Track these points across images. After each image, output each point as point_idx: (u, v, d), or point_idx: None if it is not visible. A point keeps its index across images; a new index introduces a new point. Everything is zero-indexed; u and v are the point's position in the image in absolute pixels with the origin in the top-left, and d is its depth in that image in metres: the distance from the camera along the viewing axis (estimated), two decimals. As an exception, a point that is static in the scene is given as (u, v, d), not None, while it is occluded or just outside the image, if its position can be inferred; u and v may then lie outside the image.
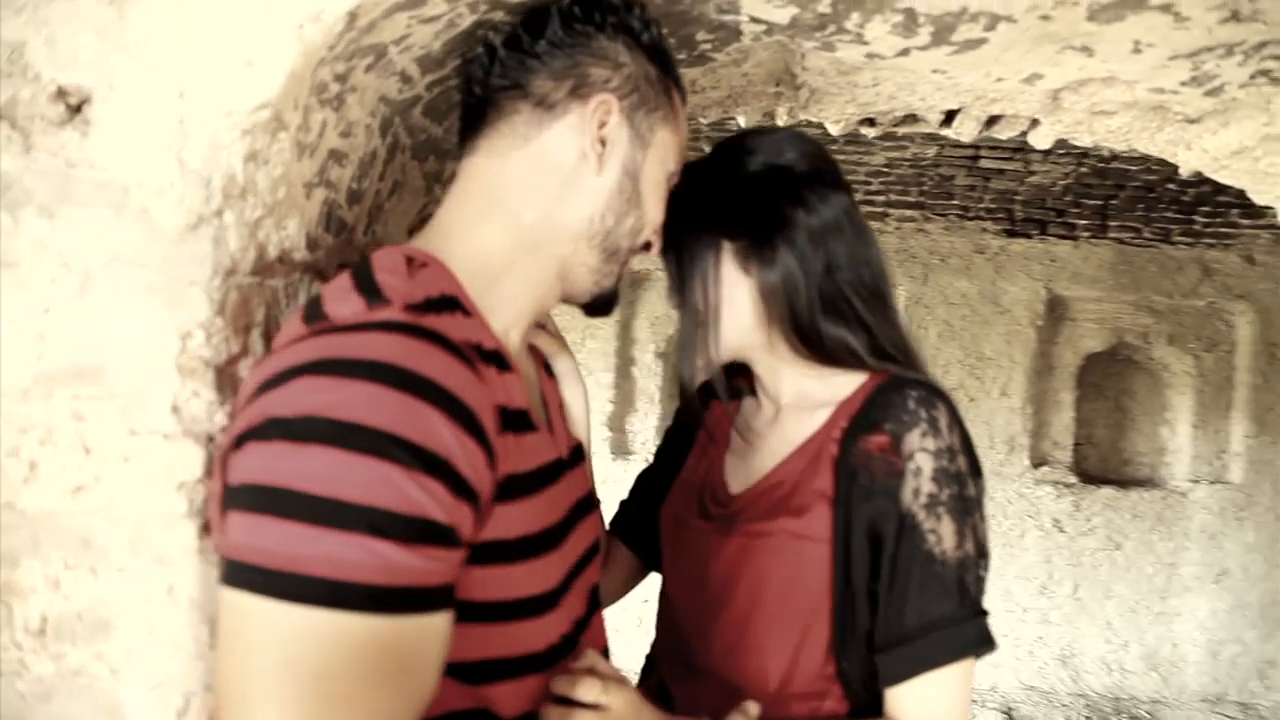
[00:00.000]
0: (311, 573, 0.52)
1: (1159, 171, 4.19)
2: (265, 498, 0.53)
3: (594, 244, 0.78)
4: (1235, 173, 1.39)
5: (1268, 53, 0.99)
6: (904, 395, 0.87)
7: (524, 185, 0.75)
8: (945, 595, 0.83)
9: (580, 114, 0.75)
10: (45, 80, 0.70)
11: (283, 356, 0.59)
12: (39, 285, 0.70)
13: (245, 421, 0.57)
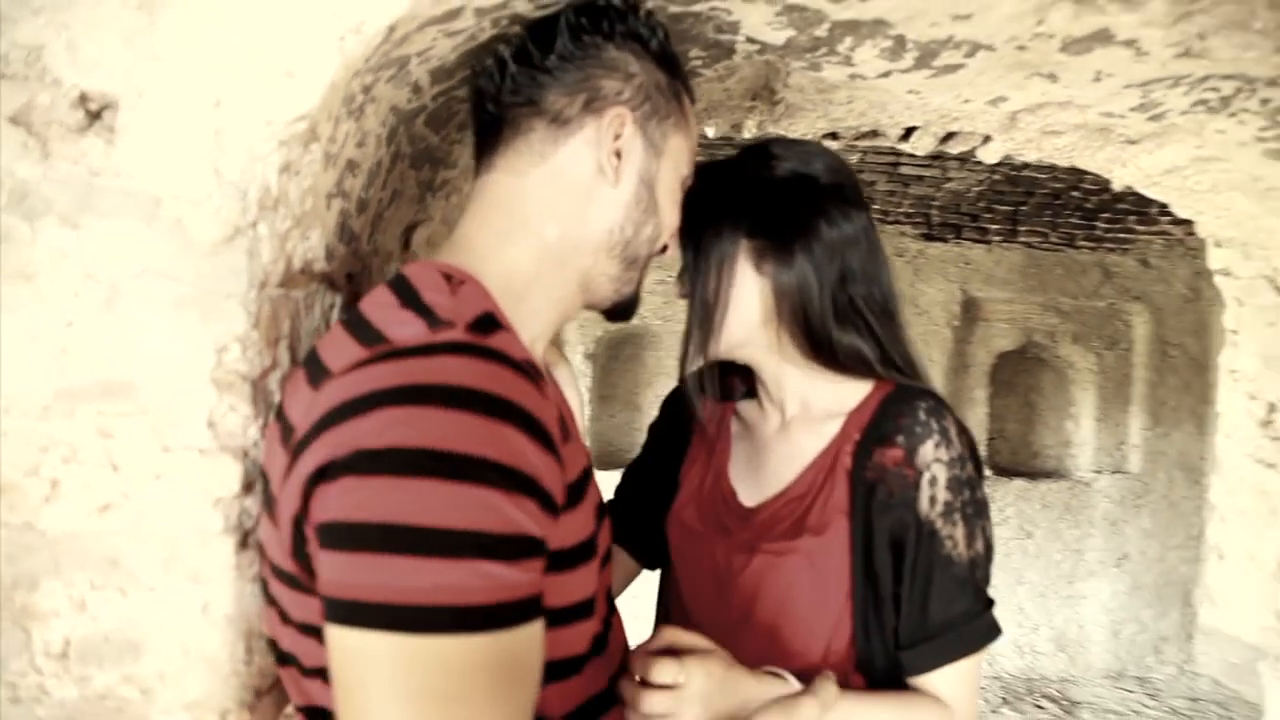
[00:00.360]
0: (432, 602, 0.53)
1: (1065, 180, 4.45)
2: (374, 535, 0.53)
3: (614, 254, 0.80)
4: (1165, 189, 1.51)
5: (1208, 85, 1.09)
6: (914, 407, 0.91)
7: (545, 202, 0.76)
8: (962, 594, 0.89)
9: (595, 128, 0.76)
10: (66, 86, 0.67)
11: (355, 381, 0.59)
12: (61, 298, 0.68)
13: (329, 450, 0.57)
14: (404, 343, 0.61)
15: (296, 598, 0.63)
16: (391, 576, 0.53)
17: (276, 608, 0.68)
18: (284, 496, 0.61)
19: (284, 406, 0.68)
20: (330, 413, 0.59)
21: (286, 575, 0.63)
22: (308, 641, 0.64)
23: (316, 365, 0.66)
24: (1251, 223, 1.43)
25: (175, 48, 0.68)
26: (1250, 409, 1.52)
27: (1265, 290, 1.50)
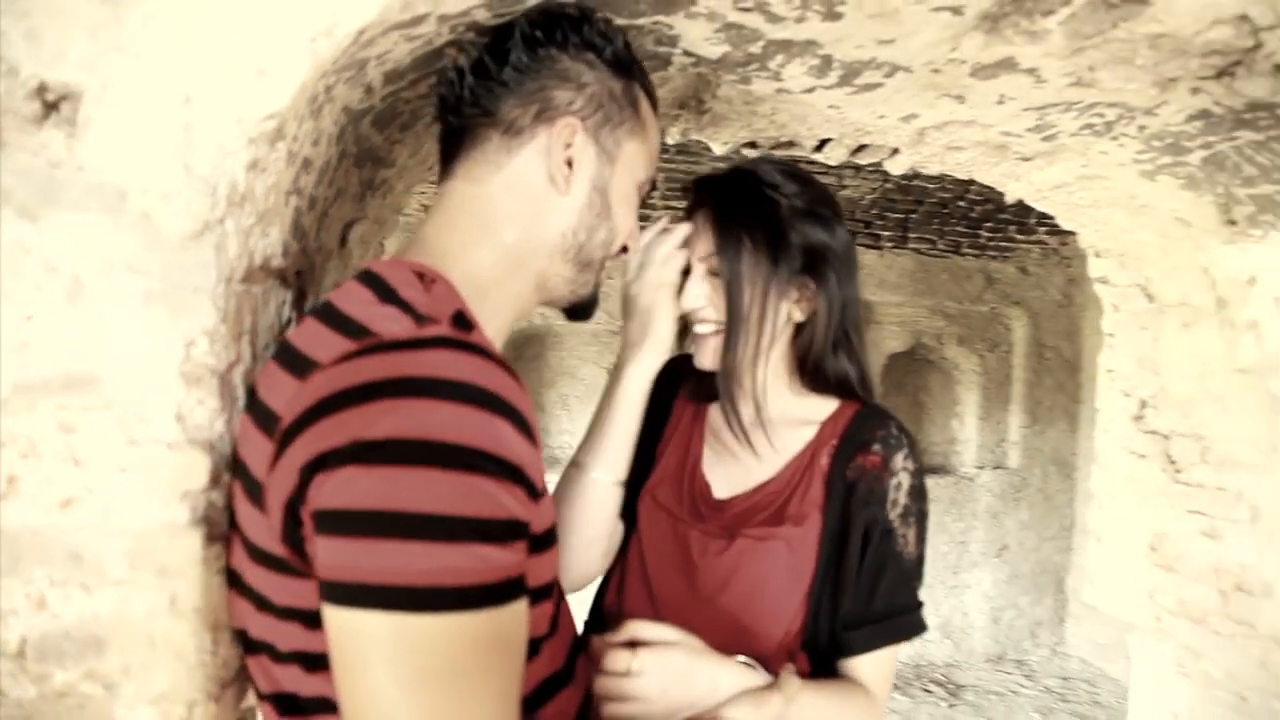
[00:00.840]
0: (434, 584, 0.55)
1: (952, 191, 4.72)
2: (377, 521, 0.56)
3: (568, 258, 0.84)
4: (1052, 203, 1.65)
5: (1095, 111, 1.22)
6: (887, 423, 1.03)
7: (503, 209, 0.79)
8: (904, 588, 1.00)
9: (546, 137, 0.79)
10: (24, 75, 0.66)
11: (348, 371, 0.61)
12: (21, 291, 0.66)
13: (326, 439, 0.58)
14: (392, 337, 0.63)
15: (283, 582, 0.64)
16: (395, 560, 0.55)
17: (250, 596, 0.69)
18: (273, 483, 0.62)
19: (259, 397, 0.69)
20: (323, 401, 0.61)
21: (274, 559, 0.64)
22: (288, 626, 0.66)
23: (295, 356, 0.67)
24: (1126, 236, 1.58)
25: (143, 42, 0.68)
26: (1125, 405, 1.68)
27: (1138, 297, 1.67)
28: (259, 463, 0.65)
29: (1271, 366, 1.33)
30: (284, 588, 0.65)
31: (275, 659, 0.68)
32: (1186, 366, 1.51)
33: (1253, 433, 1.35)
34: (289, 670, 0.67)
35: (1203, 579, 1.44)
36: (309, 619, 0.64)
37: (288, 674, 0.67)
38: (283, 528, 0.62)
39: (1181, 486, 1.50)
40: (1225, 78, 1.04)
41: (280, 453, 0.62)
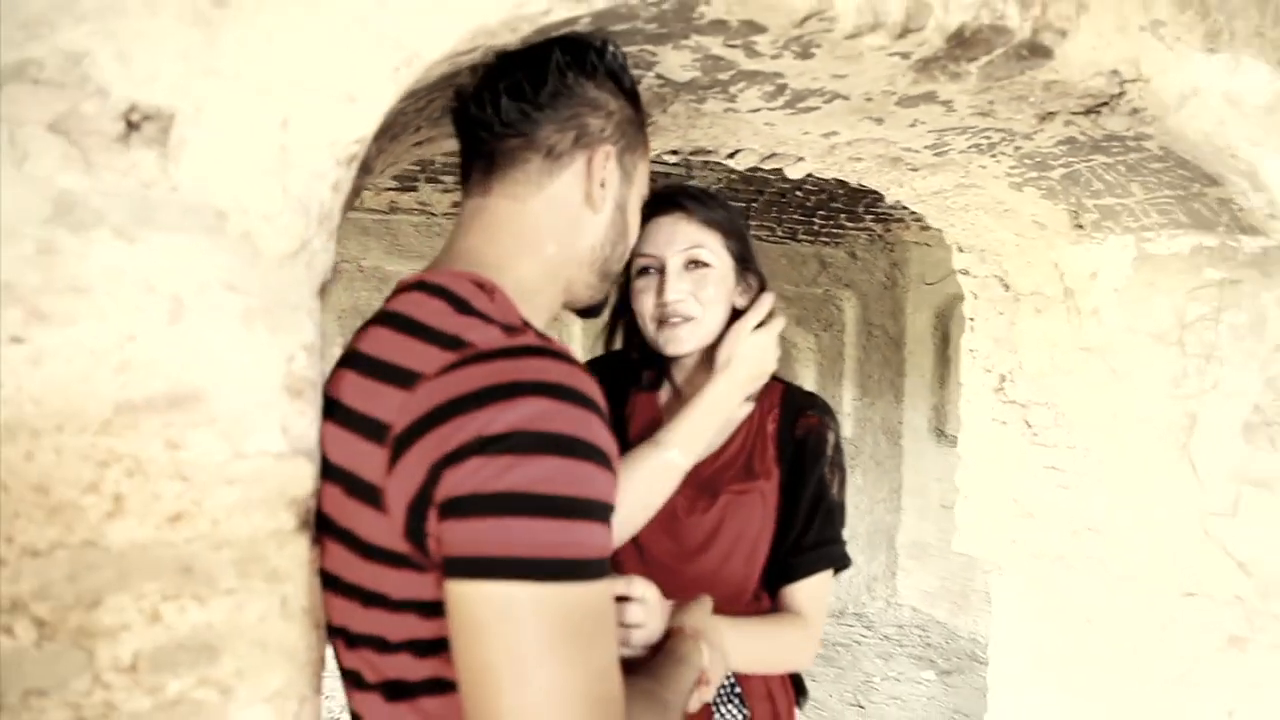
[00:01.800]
0: (563, 555, 0.63)
1: (789, 182, 5.07)
2: (511, 501, 0.63)
3: (594, 268, 0.93)
4: (927, 206, 1.89)
5: (983, 133, 1.43)
6: (812, 395, 1.30)
7: (543, 225, 0.87)
8: (833, 525, 1.23)
9: (584, 162, 0.87)
10: (114, 97, 0.67)
11: (461, 379, 0.67)
12: (121, 312, 0.68)
13: (451, 439, 0.65)
14: (488, 346, 0.70)
15: (403, 576, 0.70)
16: (524, 534, 0.63)
17: (355, 594, 0.74)
18: (394, 485, 0.68)
19: (349, 405, 0.74)
20: (440, 407, 0.67)
21: (394, 556, 0.70)
22: (402, 617, 0.71)
23: (384, 367, 0.73)
24: (989, 234, 1.85)
25: (237, 65, 0.70)
26: (986, 380, 1.96)
27: (996, 286, 1.94)
28: (371, 468, 0.70)
29: (1111, 345, 1.62)
30: (403, 581, 0.71)
31: (384, 650, 0.73)
32: (1039, 346, 1.80)
33: (1096, 399, 1.65)
34: (399, 659, 0.73)
35: (1059, 524, 1.73)
36: (425, 609, 0.71)
37: (398, 662, 0.73)
38: (406, 525, 0.68)
39: (1039, 447, 1.78)
40: (1093, 114, 1.28)
41: (398, 456, 0.68)
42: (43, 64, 0.66)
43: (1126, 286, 1.57)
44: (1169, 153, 1.30)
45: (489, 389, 0.66)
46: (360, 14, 0.74)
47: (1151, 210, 1.46)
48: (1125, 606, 1.61)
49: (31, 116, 0.65)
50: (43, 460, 0.66)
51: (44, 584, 0.67)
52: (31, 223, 0.65)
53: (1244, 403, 1.37)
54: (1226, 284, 1.39)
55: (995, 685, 2.01)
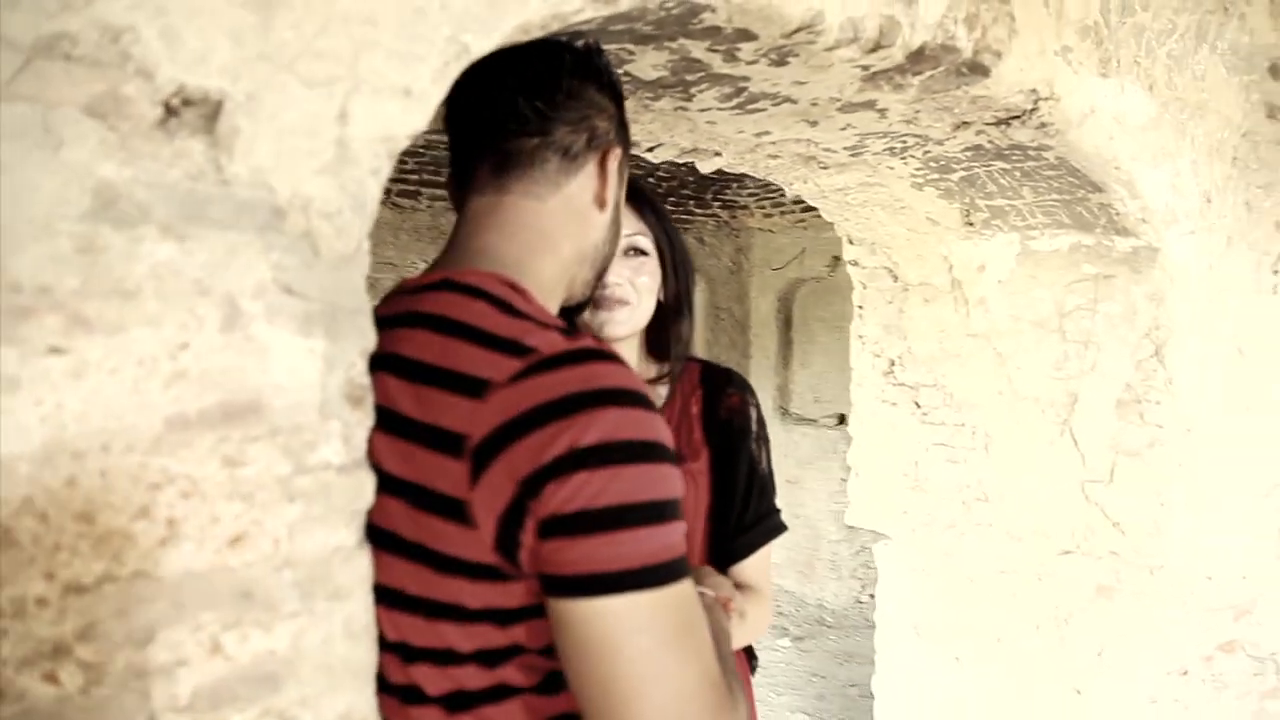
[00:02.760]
0: (664, 559, 0.66)
1: (643, 168, 5.16)
2: (613, 516, 0.64)
3: (595, 265, 0.94)
4: (827, 201, 2.01)
5: (900, 138, 1.55)
6: (729, 372, 1.32)
7: (561, 223, 0.87)
8: (765, 498, 1.29)
9: (594, 163, 0.88)
10: (160, 79, 0.61)
11: (535, 389, 0.66)
12: (173, 318, 0.62)
13: (543, 452, 0.64)
14: (552, 351, 0.70)
15: (486, 587, 0.69)
16: (631, 546, 0.65)
17: (418, 608, 0.71)
18: (480, 498, 0.66)
19: (406, 414, 0.71)
20: (523, 417, 0.66)
21: (479, 568, 0.68)
22: (477, 628, 0.70)
23: (440, 373, 0.71)
24: (882, 229, 1.99)
25: (292, 52, 0.66)
26: (875, 364, 2.12)
27: (885, 277, 2.10)
28: (448, 481, 0.68)
29: (996, 331, 1.81)
30: (485, 592, 0.69)
31: (449, 662, 0.72)
32: (928, 332, 1.97)
33: (984, 381, 1.83)
34: (465, 670, 0.72)
35: (949, 495, 1.90)
36: (503, 617, 0.70)
37: (464, 672, 0.72)
38: (496, 537, 0.67)
39: (928, 426, 1.95)
40: (1003, 125, 1.41)
41: (482, 469, 0.67)
42: (77, 39, 0.58)
43: (1011, 279, 1.76)
44: (1063, 162, 1.46)
45: (570, 399, 0.66)
46: (420, 5, 0.70)
47: (1038, 211, 1.64)
48: (1007, 565, 1.81)
49: (66, 97, 0.58)
50: (86, 485, 0.59)
51: (90, 623, 0.60)
52: (69, 218, 0.58)
53: (1118, 383, 1.57)
54: (1101, 278, 1.59)
55: (882, 646, 2.20)
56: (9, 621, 0.57)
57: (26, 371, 0.57)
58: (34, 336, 0.57)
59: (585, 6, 0.83)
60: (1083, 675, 1.71)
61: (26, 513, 0.58)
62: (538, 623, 0.70)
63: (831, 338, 5.66)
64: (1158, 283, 1.52)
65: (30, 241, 0.57)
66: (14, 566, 0.57)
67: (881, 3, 1.06)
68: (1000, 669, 1.86)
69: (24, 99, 0.57)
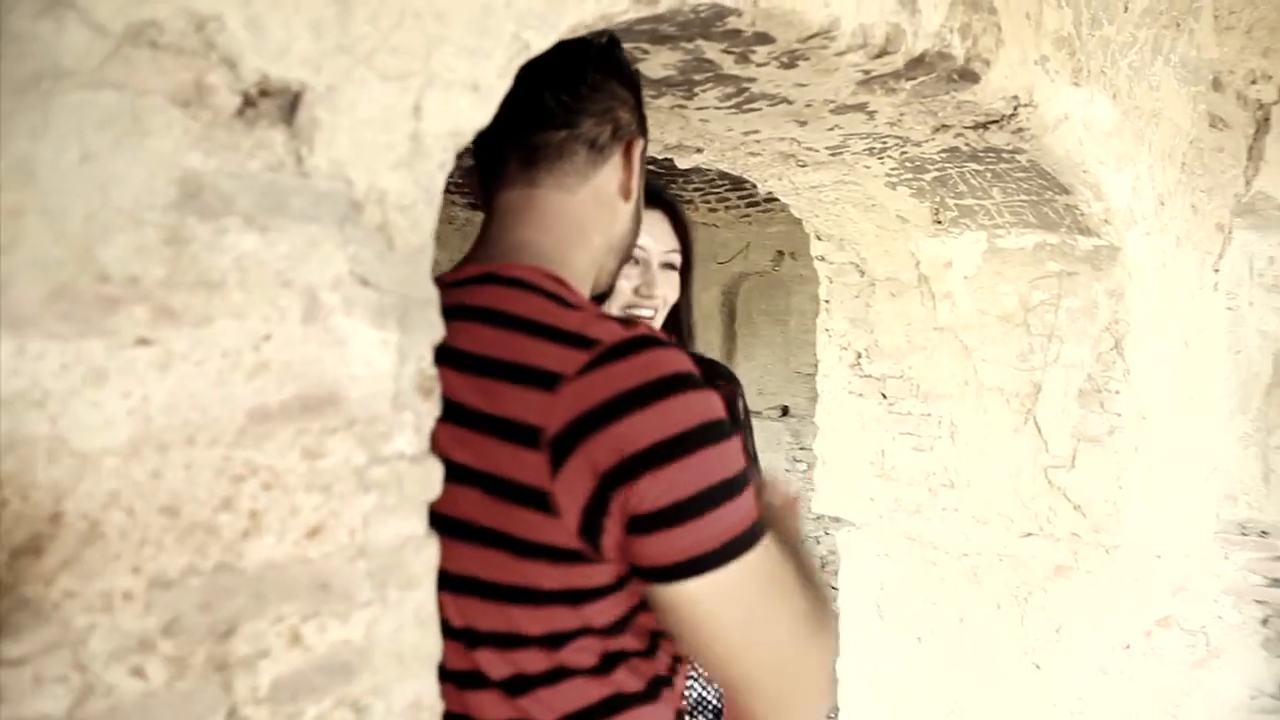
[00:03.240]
0: (747, 527, 0.71)
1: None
2: (702, 501, 0.69)
3: (619, 254, 0.96)
4: (801, 197, 2.07)
5: (881, 138, 1.61)
6: (714, 363, 1.41)
7: (590, 215, 0.89)
8: None
9: (619, 154, 0.91)
10: (245, 69, 0.61)
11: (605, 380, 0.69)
12: (256, 309, 0.62)
13: (626, 444, 0.68)
14: (615, 341, 0.72)
15: (567, 570, 0.72)
16: (721, 523, 0.70)
17: (493, 592, 0.73)
18: (563, 487, 0.69)
19: (474, 406, 0.72)
20: (600, 409, 0.69)
21: (561, 552, 0.71)
22: (549, 610, 0.73)
23: (505, 366, 0.72)
24: (852, 225, 2.06)
25: (371, 45, 0.66)
26: (842, 356, 2.19)
27: (852, 272, 2.17)
28: (526, 471, 0.70)
29: (962, 324, 1.89)
30: (566, 574, 0.72)
31: (513, 646, 0.74)
32: (895, 325, 2.04)
33: (950, 372, 1.91)
34: (529, 653, 0.74)
35: (916, 482, 1.99)
36: (577, 598, 0.73)
37: (527, 656, 0.74)
38: (581, 523, 0.70)
39: (895, 415, 2.03)
40: (981, 129, 1.48)
41: (562, 460, 0.69)
42: (163, 26, 0.58)
43: (977, 275, 1.84)
44: (1035, 165, 1.54)
45: (640, 390, 0.69)
46: (487, 2, 0.71)
47: (1006, 211, 1.72)
48: (970, 548, 1.90)
49: (153, 85, 0.57)
50: (171, 478, 0.59)
51: (175, 617, 0.60)
52: (156, 208, 0.58)
53: (1079, 373, 1.67)
54: (1065, 275, 1.68)
55: (845, 630, 2.27)
56: (97, 616, 0.57)
57: (114, 363, 0.56)
58: (122, 328, 0.57)
59: (630, 8, 0.85)
60: (1042, 651, 1.81)
61: (114, 506, 0.57)
62: (607, 602, 0.74)
63: (775, 331, 5.78)
64: (1118, 280, 1.62)
65: (118, 232, 0.56)
66: (101, 560, 0.57)
67: (889, 11, 1.11)
68: (963, 648, 1.96)
69: (112, 86, 0.56)
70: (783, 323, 5.84)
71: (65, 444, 0.55)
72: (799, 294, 5.73)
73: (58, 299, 0.54)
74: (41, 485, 0.54)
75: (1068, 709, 1.85)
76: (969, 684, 1.97)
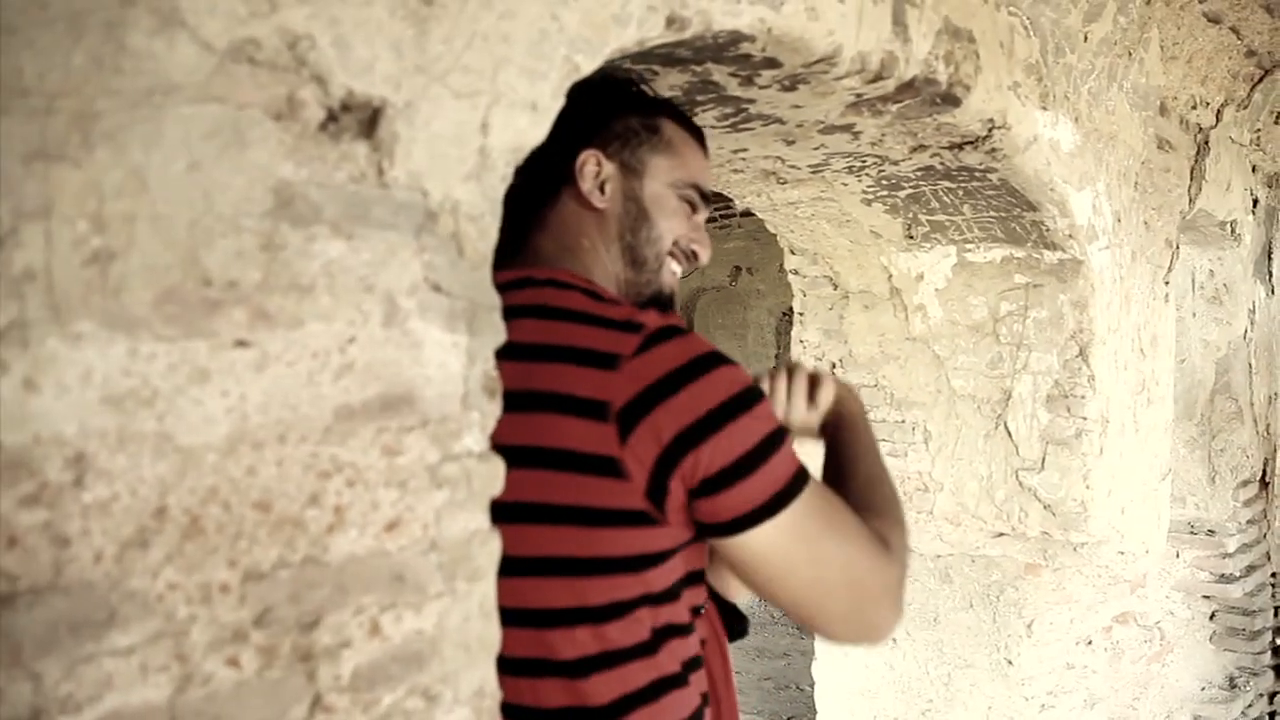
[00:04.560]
0: (793, 471, 0.79)
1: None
2: (754, 457, 0.77)
3: (625, 260, 0.97)
4: (776, 214, 2.14)
5: (860, 159, 1.69)
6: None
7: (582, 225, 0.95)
8: None
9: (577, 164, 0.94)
10: (333, 85, 0.65)
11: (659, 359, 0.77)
12: (342, 312, 0.65)
13: (686, 415, 0.76)
14: (656, 326, 0.80)
15: (634, 534, 0.78)
16: (770, 477, 0.78)
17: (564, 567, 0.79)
18: (631, 453, 0.76)
19: (539, 389, 0.78)
20: (659, 384, 0.76)
21: (630, 515, 0.77)
22: (613, 580, 0.79)
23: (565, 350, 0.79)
24: (825, 240, 2.14)
25: (445, 65, 0.70)
26: (817, 367, 2.26)
27: (825, 285, 2.25)
28: (594, 441, 0.76)
29: (934, 335, 1.98)
30: (632, 539, 0.78)
31: (578, 621, 0.78)
32: (868, 337, 2.13)
33: (923, 381, 2.00)
34: (591, 630, 0.79)
35: (891, 485, 2.07)
36: (641, 563, 0.80)
37: (590, 634, 0.79)
38: (648, 485, 0.77)
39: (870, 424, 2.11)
40: (957, 149, 1.58)
41: (630, 429, 0.76)
42: (261, 44, 0.61)
43: (947, 287, 1.94)
44: (1005, 184, 1.64)
45: (688, 366, 0.78)
46: (544, 27, 0.76)
47: (975, 226, 1.82)
48: (944, 549, 1.99)
49: (252, 99, 0.61)
50: (264, 474, 0.62)
51: (266, 608, 0.62)
52: (253, 215, 0.61)
53: (1047, 380, 1.77)
54: (1031, 287, 1.78)
55: (821, 630, 2.34)
56: (197, 607, 0.59)
57: (215, 364, 0.59)
58: (222, 329, 0.59)
59: (663, 34, 0.91)
60: (1013, 647, 1.90)
61: (212, 501, 0.60)
62: (665, 568, 0.80)
63: (732, 345, 5.87)
64: (1081, 291, 1.73)
65: (219, 238, 0.59)
66: (201, 554, 0.59)
67: (885, 39, 1.19)
68: (937, 646, 2.04)
69: (216, 100, 0.59)
70: (740, 337, 5.95)
71: (170, 441, 0.57)
72: (755, 308, 5.84)
73: (166, 302, 0.57)
74: (148, 480, 0.57)
75: (1039, 703, 1.94)
76: (943, 683, 2.05)
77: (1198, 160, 2.09)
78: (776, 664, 4.53)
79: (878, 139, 1.56)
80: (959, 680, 2.03)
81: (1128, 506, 1.83)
